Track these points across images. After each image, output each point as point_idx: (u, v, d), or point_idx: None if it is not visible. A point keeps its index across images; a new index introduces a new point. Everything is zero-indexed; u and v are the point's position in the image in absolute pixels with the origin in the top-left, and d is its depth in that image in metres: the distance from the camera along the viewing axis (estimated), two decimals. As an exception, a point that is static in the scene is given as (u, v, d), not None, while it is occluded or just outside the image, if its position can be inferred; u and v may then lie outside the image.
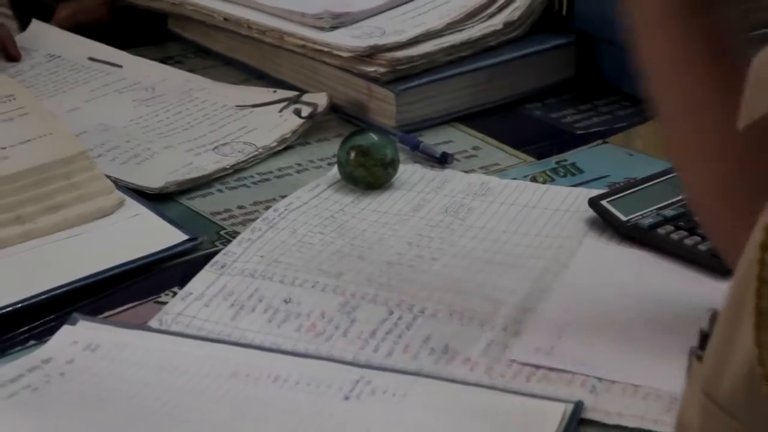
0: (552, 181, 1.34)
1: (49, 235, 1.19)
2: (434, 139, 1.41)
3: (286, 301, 1.11)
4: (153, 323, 1.09)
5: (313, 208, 1.27)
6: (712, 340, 0.68)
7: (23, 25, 1.65)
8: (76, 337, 1.05)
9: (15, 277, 1.13)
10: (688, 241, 1.17)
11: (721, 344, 0.65)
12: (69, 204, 1.21)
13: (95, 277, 1.14)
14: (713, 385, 0.65)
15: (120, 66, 1.57)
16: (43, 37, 1.63)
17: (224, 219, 1.27)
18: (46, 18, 1.68)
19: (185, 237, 1.21)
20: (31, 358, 1.02)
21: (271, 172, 1.37)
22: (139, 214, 1.24)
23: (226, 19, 1.55)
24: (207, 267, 1.17)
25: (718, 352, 0.66)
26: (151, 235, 1.21)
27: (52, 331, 1.06)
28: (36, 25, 1.66)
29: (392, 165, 1.31)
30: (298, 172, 1.37)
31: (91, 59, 1.58)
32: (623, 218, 1.21)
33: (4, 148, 1.22)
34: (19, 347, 1.06)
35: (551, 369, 1.02)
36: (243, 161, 1.36)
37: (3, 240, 1.17)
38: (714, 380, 0.65)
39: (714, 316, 0.72)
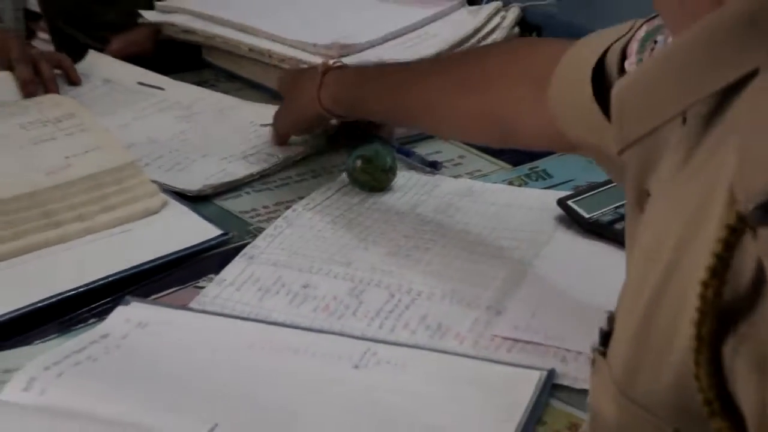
0: (526, 184, 1.34)
1: (105, 230, 1.19)
2: (426, 150, 1.40)
3: (304, 286, 1.11)
4: (193, 304, 1.09)
5: (326, 208, 1.26)
6: (617, 345, 0.66)
7: (77, 57, 1.64)
8: (129, 316, 1.04)
9: (77, 266, 1.12)
10: (641, 235, 1.17)
11: (630, 350, 0.63)
12: (121, 205, 1.21)
13: (144, 265, 1.14)
14: (627, 384, 0.64)
15: (163, 89, 1.56)
16: (99, 65, 1.62)
17: (252, 217, 1.27)
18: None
19: (219, 232, 1.20)
20: (92, 333, 1.01)
21: (290, 177, 1.36)
22: (180, 213, 1.24)
23: (250, 50, 1.55)
24: (238, 257, 1.16)
25: (627, 357, 0.64)
26: (190, 230, 1.20)
27: (108, 311, 1.05)
28: (92, 55, 1.65)
29: (392, 171, 1.30)
30: (313, 177, 1.36)
31: (140, 83, 1.57)
32: (586, 215, 1.20)
33: (68, 157, 1.21)
34: (82, 324, 1.06)
35: (528, 342, 1.02)
36: (267, 168, 1.36)
37: (67, 235, 1.16)
38: (628, 380, 0.64)
39: (611, 318, 0.70)
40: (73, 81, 1.56)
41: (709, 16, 0.62)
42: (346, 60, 1.46)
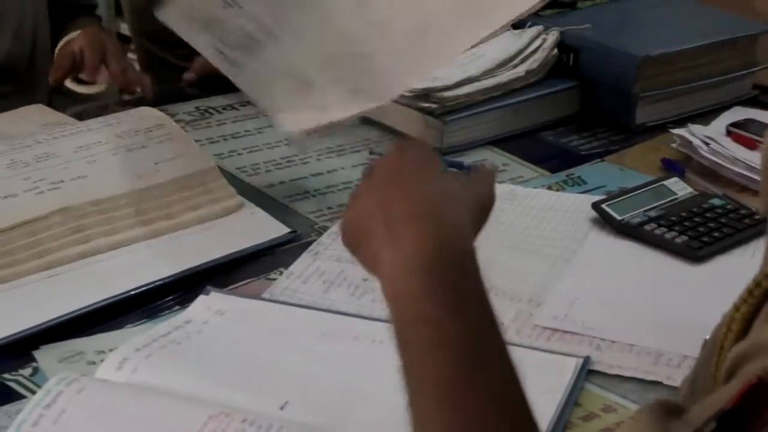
0: (563, 189, 1.32)
1: (189, 227, 1.19)
2: (473, 158, 1.39)
3: (364, 279, 1.10)
4: (265, 295, 1.08)
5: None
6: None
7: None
8: (209, 304, 1.04)
9: (164, 258, 1.12)
10: (668, 236, 1.15)
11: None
12: (203, 205, 1.21)
13: (223, 259, 1.13)
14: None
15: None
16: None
17: (317, 217, 1.26)
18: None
19: (288, 230, 1.20)
20: (176, 320, 1.01)
21: (351, 182, 1.35)
22: (255, 213, 1.23)
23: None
24: (305, 253, 1.15)
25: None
26: (263, 228, 1.20)
27: (191, 299, 1.05)
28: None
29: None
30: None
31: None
32: (618, 218, 1.19)
33: (157, 163, 1.21)
34: (168, 311, 1.05)
35: (566, 332, 1.01)
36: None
37: (156, 231, 1.17)
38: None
39: (705, 343, 0.70)
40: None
41: None
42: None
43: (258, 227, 1.20)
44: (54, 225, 1.11)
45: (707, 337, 0.68)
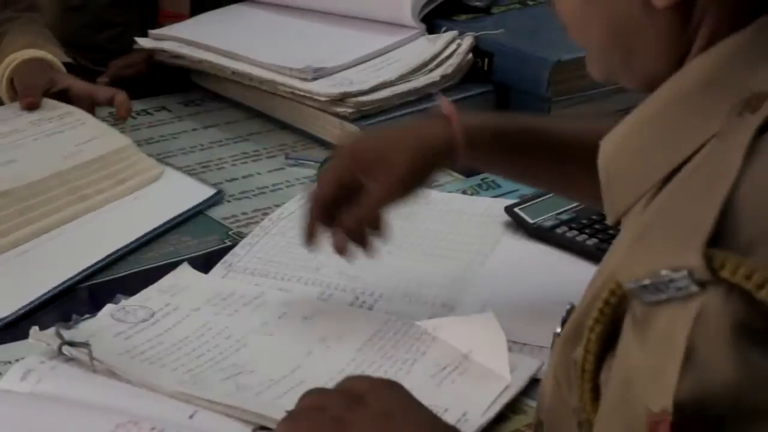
0: (477, 193, 1.32)
1: (121, 198, 1.25)
2: (389, 163, 1.39)
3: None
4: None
5: (298, 217, 1.24)
6: (560, 338, 0.71)
7: None
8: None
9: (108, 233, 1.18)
10: (579, 238, 1.16)
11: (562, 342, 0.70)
12: (130, 177, 1.27)
13: (162, 227, 1.20)
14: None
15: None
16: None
17: (231, 223, 1.25)
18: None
19: (214, 191, 1.28)
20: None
21: (266, 186, 1.34)
22: (178, 178, 1.31)
23: (234, 73, 1.53)
24: (219, 265, 1.14)
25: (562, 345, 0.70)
26: (189, 190, 1.28)
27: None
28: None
29: (358, 182, 1.29)
30: (287, 187, 1.35)
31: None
32: (531, 221, 1.19)
33: (77, 145, 1.28)
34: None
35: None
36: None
37: (92, 206, 1.22)
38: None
39: (570, 309, 0.72)
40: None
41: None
42: (320, 81, 1.45)
43: (184, 190, 1.28)
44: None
45: (557, 330, 0.72)
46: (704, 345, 0.55)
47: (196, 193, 1.27)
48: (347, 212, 0.97)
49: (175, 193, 1.27)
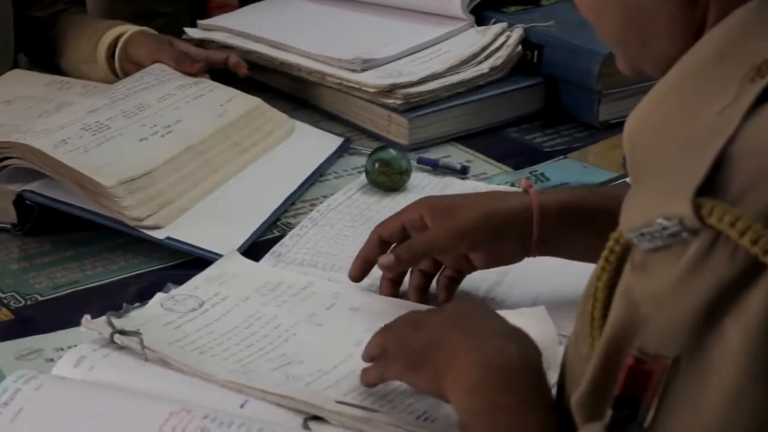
0: (526, 186, 1.32)
1: (272, 149, 1.36)
2: (437, 155, 1.39)
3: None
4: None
5: (347, 208, 1.25)
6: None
7: None
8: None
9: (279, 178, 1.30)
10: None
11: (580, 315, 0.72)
12: (273, 130, 1.38)
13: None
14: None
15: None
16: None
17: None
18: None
19: (342, 139, 1.40)
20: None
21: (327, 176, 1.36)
22: (308, 130, 1.42)
23: (282, 63, 1.53)
24: (267, 255, 1.14)
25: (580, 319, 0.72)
26: (321, 141, 1.40)
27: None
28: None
29: (407, 173, 1.29)
30: (335, 178, 1.35)
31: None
32: (580, 215, 1.18)
33: (222, 105, 1.38)
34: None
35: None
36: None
37: (252, 156, 1.33)
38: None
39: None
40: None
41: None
42: (368, 73, 1.45)
43: (318, 140, 1.40)
44: (187, 162, 1.24)
45: None
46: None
47: (329, 141, 1.40)
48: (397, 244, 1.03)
49: (312, 141, 1.39)
